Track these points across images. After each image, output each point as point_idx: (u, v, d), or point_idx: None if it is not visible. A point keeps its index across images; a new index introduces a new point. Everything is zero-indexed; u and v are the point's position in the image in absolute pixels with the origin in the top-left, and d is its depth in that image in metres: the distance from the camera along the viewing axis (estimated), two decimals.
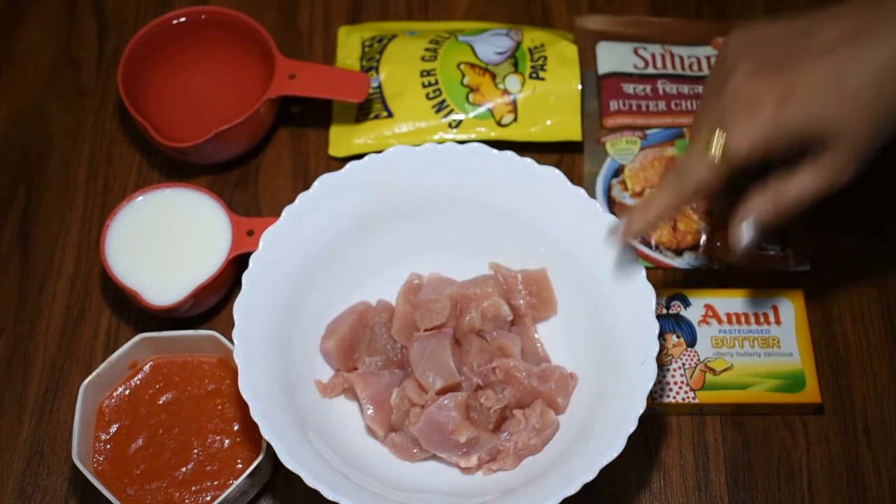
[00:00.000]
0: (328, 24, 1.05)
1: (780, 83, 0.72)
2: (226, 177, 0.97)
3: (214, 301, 0.90)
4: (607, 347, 0.81)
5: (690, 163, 0.75)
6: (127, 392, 0.84)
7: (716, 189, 0.75)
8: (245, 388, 0.76)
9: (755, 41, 0.76)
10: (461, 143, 0.85)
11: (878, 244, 0.93)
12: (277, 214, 0.83)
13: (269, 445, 0.79)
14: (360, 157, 0.85)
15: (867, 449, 0.85)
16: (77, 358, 0.89)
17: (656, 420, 0.86)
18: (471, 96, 0.97)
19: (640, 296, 0.79)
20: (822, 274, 0.92)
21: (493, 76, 0.97)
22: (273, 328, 0.81)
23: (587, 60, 0.99)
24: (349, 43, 1.02)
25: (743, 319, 0.88)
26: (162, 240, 0.89)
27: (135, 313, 0.91)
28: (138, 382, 0.84)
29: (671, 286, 0.91)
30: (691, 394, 0.86)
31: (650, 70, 0.99)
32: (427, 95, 0.97)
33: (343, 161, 0.93)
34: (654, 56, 0.99)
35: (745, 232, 0.76)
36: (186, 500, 0.80)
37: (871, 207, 0.94)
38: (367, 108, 0.98)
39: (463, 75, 0.97)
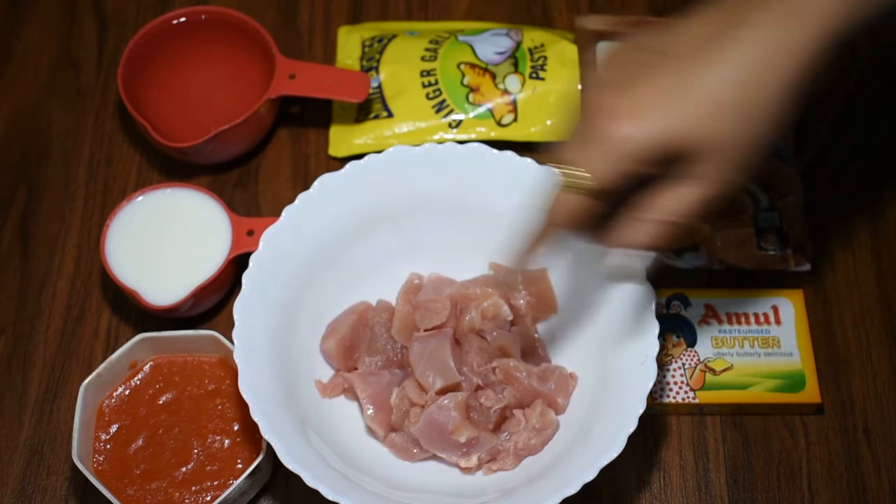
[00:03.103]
0: (328, 24, 1.05)
1: (635, 98, 0.66)
2: (226, 177, 0.97)
3: (214, 301, 0.90)
4: (607, 347, 0.81)
5: (559, 197, 0.70)
6: (127, 392, 0.84)
7: (594, 215, 0.70)
8: (245, 388, 0.76)
9: (624, 54, 0.70)
10: (461, 143, 0.85)
11: (878, 244, 0.93)
12: (277, 214, 0.83)
13: (269, 445, 0.79)
14: (360, 157, 0.85)
15: (867, 449, 0.85)
16: (77, 358, 0.89)
17: (656, 420, 0.86)
18: (471, 96, 0.97)
19: (640, 296, 0.79)
20: (821, 274, 0.92)
21: (493, 76, 0.97)
22: (273, 328, 0.81)
23: (587, 60, 0.99)
24: (349, 43, 1.02)
25: (743, 319, 0.88)
26: (162, 240, 0.89)
27: (135, 313, 0.91)
28: (138, 382, 0.84)
29: (671, 286, 0.91)
30: (691, 394, 0.86)
31: None
32: (427, 95, 0.97)
33: (343, 161, 0.93)
34: None
35: (639, 260, 0.72)
36: (186, 500, 0.80)
37: (872, 207, 0.94)
38: (367, 108, 0.98)
39: (463, 75, 0.97)
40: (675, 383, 0.86)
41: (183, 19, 0.98)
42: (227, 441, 0.82)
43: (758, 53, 0.66)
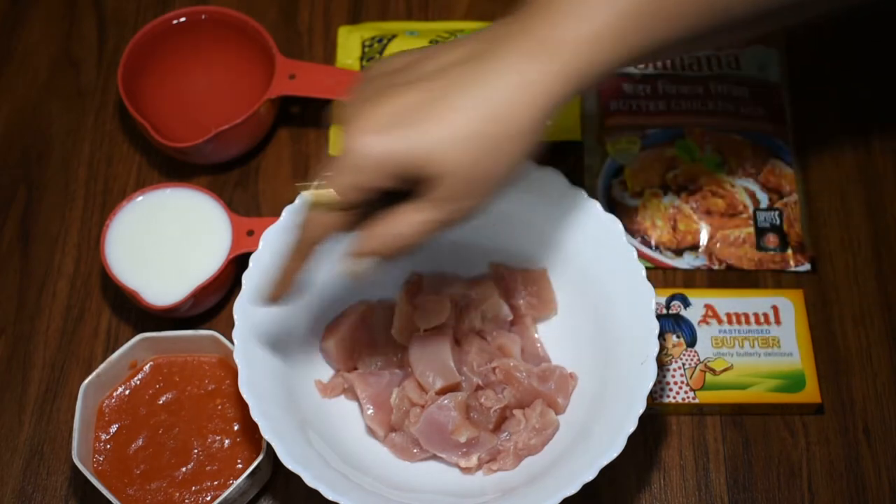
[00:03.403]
0: (328, 24, 1.05)
1: (378, 115, 0.67)
2: (226, 177, 0.97)
3: (214, 301, 0.90)
4: (607, 347, 0.81)
5: (308, 214, 0.71)
6: (127, 392, 0.84)
7: (344, 229, 0.71)
8: (245, 388, 0.76)
9: (379, 71, 0.70)
10: None
11: (878, 244, 0.93)
12: (277, 214, 0.83)
13: (269, 445, 0.79)
14: None
15: (867, 449, 0.85)
16: (77, 358, 0.89)
17: (656, 420, 0.86)
18: None
19: (640, 296, 0.79)
20: (822, 274, 0.92)
21: None
22: (273, 328, 0.81)
23: None
24: (349, 43, 1.02)
25: (743, 319, 0.88)
26: (162, 240, 0.89)
27: (135, 313, 0.91)
28: (138, 382, 0.84)
29: (671, 286, 0.91)
30: (691, 394, 0.86)
31: (650, 70, 0.99)
32: None
33: None
34: None
35: (358, 266, 0.71)
36: (186, 500, 0.80)
37: (872, 206, 0.94)
38: None
39: None
40: (675, 383, 0.86)
41: (183, 19, 0.97)
42: (227, 441, 0.82)
43: (501, 89, 0.66)
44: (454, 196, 0.68)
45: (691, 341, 0.88)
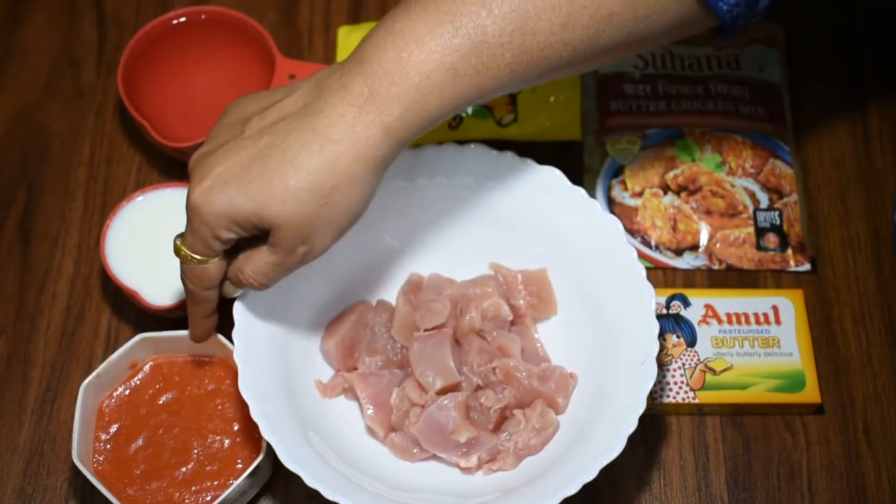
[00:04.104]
0: (328, 24, 1.05)
1: (215, 172, 0.70)
2: None
3: None
4: (607, 347, 0.81)
5: (183, 268, 0.75)
6: (127, 392, 0.84)
7: (222, 272, 0.75)
8: (245, 388, 0.76)
9: (224, 122, 0.74)
10: (461, 143, 0.85)
11: (878, 244, 0.93)
12: None
13: (269, 445, 0.79)
14: None
15: (867, 449, 0.85)
16: (77, 358, 0.89)
17: (656, 420, 0.86)
18: None
19: (640, 296, 0.79)
20: (822, 274, 0.92)
21: None
22: (273, 328, 0.81)
23: None
24: (349, 43, 1.02)
25: (743, 319, 0.88)
26: (162, 240, 0.89)
27: (135, 313, 0.91)
28: (138, 382, 0.84)
29: (671, 286, 0.91)
30: (691, 394, 0.86)
31: (650, 70, 0.99)
32: None
33: None
34: (654, 56, 0.99)
35: (229, 290, 0.77)
36: (186, 500, 0.80)
37: (872, 206, 0.94)
38: None
39: None
40: (675, 383, 0.86)
41: (183, 19, 0.97)
42: (227, 441, 0.82)
43: (330, 143, 0.69)
44: (291, 243, 0.71)
45: (691, 341, 0.88)
